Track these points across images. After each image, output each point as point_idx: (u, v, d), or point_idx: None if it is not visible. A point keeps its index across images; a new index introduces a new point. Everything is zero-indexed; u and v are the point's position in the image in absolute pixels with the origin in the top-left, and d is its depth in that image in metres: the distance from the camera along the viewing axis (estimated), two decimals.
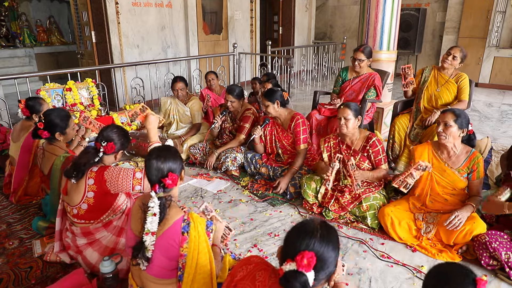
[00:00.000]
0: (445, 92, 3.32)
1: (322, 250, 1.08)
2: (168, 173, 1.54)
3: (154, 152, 1.59)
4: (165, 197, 1.54)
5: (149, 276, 1.57)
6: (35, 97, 3.05)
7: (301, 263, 1.03)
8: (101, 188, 1.93)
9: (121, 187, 1.93)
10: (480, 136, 4.42)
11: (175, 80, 4.10)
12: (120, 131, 2.07)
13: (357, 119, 2.70)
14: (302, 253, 1.04)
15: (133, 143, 3.82)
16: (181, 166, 1.62)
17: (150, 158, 1.56)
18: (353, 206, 2.66)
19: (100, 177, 1.93)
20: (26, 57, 8.01)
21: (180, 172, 1.62)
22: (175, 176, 1.55)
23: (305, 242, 1.08)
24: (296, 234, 1.12)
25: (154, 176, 1.55)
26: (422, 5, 8.44)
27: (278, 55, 6.51)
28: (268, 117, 3.32)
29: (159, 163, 1.54)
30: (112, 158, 2.09)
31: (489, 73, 7.73)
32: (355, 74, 3.70)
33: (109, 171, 1.94)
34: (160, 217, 1.50)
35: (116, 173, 1.93)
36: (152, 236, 1.50)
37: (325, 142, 2.91)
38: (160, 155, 1.56)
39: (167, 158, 1.56)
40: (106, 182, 1.92)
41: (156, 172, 1.54)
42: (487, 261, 2.12)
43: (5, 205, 2.91)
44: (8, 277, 2.07)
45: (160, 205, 1.50)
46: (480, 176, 2.39)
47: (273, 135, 3.35)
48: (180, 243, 1.49)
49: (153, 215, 1.49)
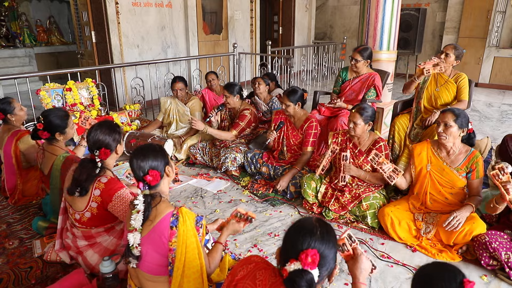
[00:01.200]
0: (445, 92, 3.32)
1: (323, 247, 1.09)
2: (149, 171, 1.56)
3: (136, 151, 1.62)
4: (151, 194, 1.57)
5: (144, 274, 1.58)
6: (3, 99, 2.97)
7: (306, 261, 1.04)
8: (103, 204, 1.93)
9: (121, 215, 1.94)
10: (480, 136, 4.42)
11: (175, 80, 4.10)
12: (105, 129, 1.96)
13: (367, 125, 2.66)
14: (305, 252, 1.05)
15: (133, 143, 3.81)
16: (163, 162, 1.62)
17: (132, 157, 1.60)
18: (353, 205, 2.66)
19: (107, 193, 1.90)
20: (26, 57, 8.01)
21: (163, 168, 1.62)
22: (155, 173, 1.57)
23: (307, 240, 1.09)
24: (295, 234, 1.13)
25: (137, 175, 1.59)
26: (422, 5, 8.44)
27: (278, 55, 6.50)
28: (283, 119, 3.33)
29: (139, 161, 1.57)
30: (114, 158, 2.05)
31: (489, 73, 7.73)
32: (355, 74, 3.69)
33: (117, 197, 1.91)
34: (145, 214, 1.53)
35: (123, 203, 1.91)
36: (136, 233, 1.52)
37: (334, 137, 2.91)
38: (141, 153, 1.59)
39: (146, 156, 1.58)
40: (110, 204, 1.91)
41: (138, 171, 1.58)
42: (487, 261, 2.12)
43: (5, 205, 2.90)
44: (8, 277, 2.07)
45: (145, 202, 1.54)
46: (479, 176, 2.39)
47: (283, 131, 3.36)
48: (169, 237, 1.50)
49: (137, 212, 1.52)
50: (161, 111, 4.26)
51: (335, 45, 8.87)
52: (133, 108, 4.75)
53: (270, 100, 4.22)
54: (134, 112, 4.74)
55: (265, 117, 4.25)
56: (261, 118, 4.27)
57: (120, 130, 2.06)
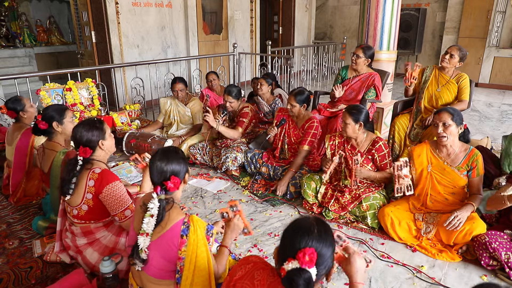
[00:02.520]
0: (446, 92, 3.32)
1: (321, 246, 1.10)
2: (171, 176, 1.51)
3: (159, 153, 1.56)
4: (166, 199, 1.52)
5: (148, 277, 1.57)
6: (12, 98, 3.00)
7: (303, 260, 1.04)
8: (97, 194, 1.92)
9: (109, 208, 1.94)
10: (480, 136, 4.42)
11: (175, 81, 4.10)
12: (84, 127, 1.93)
13: (358, 124, 2.65)
14: (303, 250, 1.06)
15: (133, 143, 3.81)
16: (185, 169, 1.59)
17: (155, 159, 1.54)
18: (353, 206, 2.66)
19: (99, 183, 1.90)
20: (26, 57, 8.01)
21: (184, 175, 1.59)
22: (177, 180, 1.52)
23: (304, 239, 1.09)
24: (293, 233, 1.13)
25: (156, 178, 1.53)
26: (422, 5, 8.44)
27: (278, 55, 6.50)
28: (285, 116, 3.33)
29: (162, 165, 1.52)
30: (100, 152, 2.00)
31: (489, 73, 7.73)
32: (354, 73, 3.68)
33: (108, 189, 1.90)
34: (158, 219, 1.49)
35: (113, 196, 1.91)
36: (147, 238, 1.49)
37: (330, 140, 2.91)
38: (164, 157, 1.54)
39: (170, 160, 1.53)
40: (100, 195, 1.91)
41: (158, 174, 1.52)
42: (487, 261, 2.12)
43: (5, 205, 2.91)
44: (8, 277, 2.07)
45: (160, 207, 1.49)
46: (480, 174, 2.39)
47: (284, 129, 3.36)
48: (179, 246, 1.48)
49: (151, 216, 1.48)
50: (161, 112, 4.25)
51: (335, 45, 8.87)
52: (133, 108, 4.75)
53: (273, 101, 4.18)
54: (134, 112, 4.73)
55: (266, 117, 4.24)
56: (262, 119, 4.26)
57: (101, 126, 1.99)
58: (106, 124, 2.03)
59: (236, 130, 3.64)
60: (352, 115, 2.65)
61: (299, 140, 3.28)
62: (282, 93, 4.58)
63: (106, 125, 2.03)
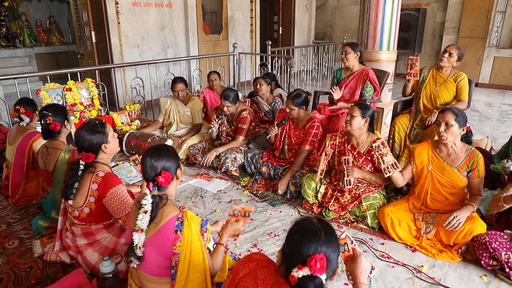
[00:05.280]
0: (444, 91, 3.32)
1: (329, 250, 1.10)
2: (162, 171, 1.54)
3: (149, 151, 1.59)
4: (159, 196, 1.54)
5: (146, 275, 1.58)
6: (29, 100, 3.02)
7: (315, 268, 1.04)
8: (100, 198, 1.93)
9: (113, 212, 1.94)
10: (480, 136, 4.42)
11: (175, 81, 4.10)
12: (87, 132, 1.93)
13: (364, 120, 2.65)
14: (313, 257, 1.05)
15: (133, 143, 3.81)
16: (176, 165, 1.61)
17: (145, 156, 1.57)
18: (353, 205, 2.66)
19: (103, 187, 1.90)
20: (26, 57, 8.01)
21: (175, 171, 1.61)
22: (168, 175, 1.54)
23: (313, 245, 1.08)
24: (300, 238, 1.11)
25: (148, 174, 1.55)
26: (422, 5, 8.44)
27: (278, 55, 6.50)
28: (286, 117, 3.34)
29: (153, 161, 1.54)
30: (104, 155, 2.00)
31: (489, 73, 7.73)
32: (348, 72, 3.68)
33: (112, 193, 1.91)
34: (152, 215, 1.51)
35: (117, 200, 1.91)
36: (142, 234, 1.51)
37: (331, 139, 2.90)
38: (155, 153, 1.56)
39: (161, 156, 1.56)
40: (104, 199, 1.91)
41: (149, 170, 1.54)
42: (487, 261, 2.12)
43: (5, 205, 2.91)
44: (8, 277, 2.07)
45: (153, 203, 1.51)
46: (480, 175, 2.38)
47: (285, 129, 3.37)
48: (173, 241, 1.49)
49: (144, 213, 1.50)
50: (161, 112, 4.26)
51: (335, 45, 8.87)
52: (133, 108, 4.75)
53: (273, 100, 4.20)
54: (134, 112, 4.73)
55: (267, 116, 4.25)
56: (262, 118, 4.27)
57: (103, 130, 1.97)
58: (108, 126, 2.03)
59: (236, 141, 3.64)
60: (361, 108, 2.65)
61: (299, 141, 3.28)
62: (282, 92, 4.59)
63: (108, 127, 2.02)
